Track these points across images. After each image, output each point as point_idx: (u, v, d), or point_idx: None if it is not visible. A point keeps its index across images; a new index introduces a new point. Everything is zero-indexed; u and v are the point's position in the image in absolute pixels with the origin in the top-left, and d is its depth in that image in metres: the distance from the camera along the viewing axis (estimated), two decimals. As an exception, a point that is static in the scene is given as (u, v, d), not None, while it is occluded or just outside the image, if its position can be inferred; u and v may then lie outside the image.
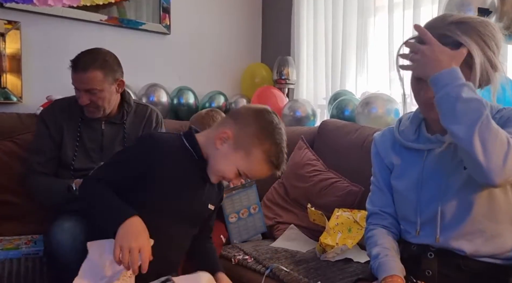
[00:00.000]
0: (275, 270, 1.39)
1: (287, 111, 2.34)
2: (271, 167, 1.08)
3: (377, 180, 1.16)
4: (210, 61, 2.70)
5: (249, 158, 1.06)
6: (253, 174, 1.10)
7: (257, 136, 1.06)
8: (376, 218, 1.14)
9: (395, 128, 1.14)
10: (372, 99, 1.93)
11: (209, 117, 1.80)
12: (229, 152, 1.07)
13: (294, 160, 1.97)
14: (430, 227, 1.02)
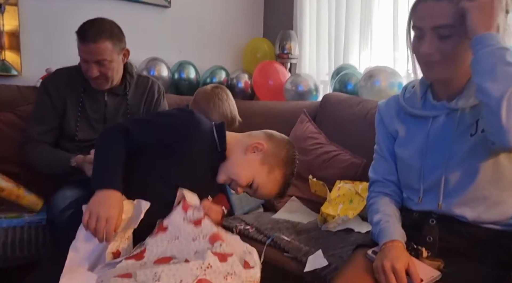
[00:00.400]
0: (276, 239, 1.40)
1: (289, 86, 2.32)
2: (279, 191, 1.17)
3: (380, 148, 1.15)
4: (211, 35, 2.66)
5: (269, 175, 1.13)
6: (262, 190, 1.14)
7: (284, 161, 1.15)
8: (378, 186, 1.13)
9: (400, 95, 1.13)
10: (375, 72, 1.90)
11: (214, 94, 1.77)
12: (255, 162, 1.13)
13: (296, 133, 1.97)
14: (433, 194, 1.02)
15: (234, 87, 2.55)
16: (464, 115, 0.98)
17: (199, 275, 0.79)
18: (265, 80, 2.45)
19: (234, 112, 1.76)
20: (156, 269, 0.79)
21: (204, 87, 1.84)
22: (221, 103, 1.74)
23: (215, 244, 0.92)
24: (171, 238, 0.95)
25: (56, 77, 1.58)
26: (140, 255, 0.90)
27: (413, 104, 1.08)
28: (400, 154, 1.09)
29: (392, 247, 0.96)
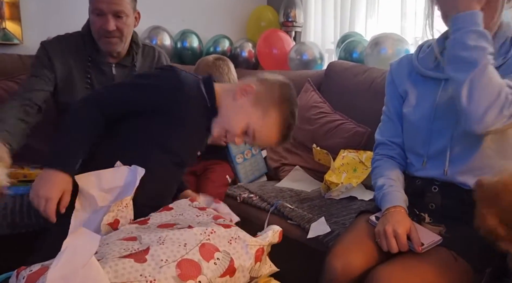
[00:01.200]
0: (279, 207, 1.41)
1: (294, 54, 2.28)
2: (279, 134, 1.07)
3: (388, 109, 1.14)
4: (214, 3, 2.60)
5: (264, 117, 1.05)
6: (260, 135, 1.06)
7: (279, 100, 1.06)
8: (383, 148, 1.13)
9: (414, 55, 1.10)
10: (381, 39, 1.86)
11: (215, 66, 1.74)
12: (247, 106, 1.05)
13: (300, 103, 1.92)
14: (437, 160, 1.01)
15: (238, 56, 2.52)
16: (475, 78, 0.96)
17: (202, 239, 0.80)
18: (269, 49, 2.41)
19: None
20: (161, 233, 0.80)
21: (207, 57, 1.81)
22: (221, 77, 1.72)
23: (218, 220, 0.92)
24: (175, 214, 0.95)
25: (60, 42, 1.46)
26: (144, 221, 0.91)
27: (426, 65, 1.05)
28: (407, 116, 1.07)
29: (395, 212, 0.97)
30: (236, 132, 1.06)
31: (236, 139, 1.06)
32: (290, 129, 1.09)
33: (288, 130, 1.09)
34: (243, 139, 1.08)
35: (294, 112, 1.08)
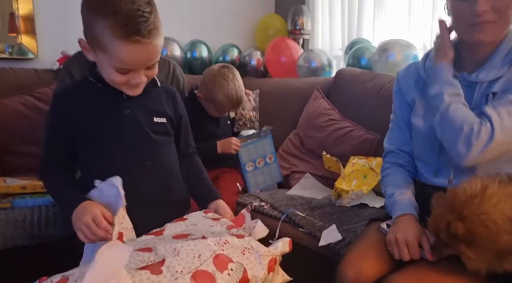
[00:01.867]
0: (290, 215, 1.42)
1: (302, 62, 2.30)
2: (127, 36, 0.86)
3: (396, 118, 1.15)
4: (223, 13, 2.64)
5: (106, 50, 0.89)
6: (125, 62, 0.90)
7: (97, 21, 0.87)
8: (392, 157, 1.14)
9: (421, 63, 1.10)
10: (389, 45, 1.87)
11: (220, 74, 1.77)
12: (98, 59, 0.94)
13: (309, 111, 1.97)
14: (447, 169, 1.02)
15: (247, 65, 2.55)
16: (482, 88, 0.97)
17: (216, 250, 0.82)
18: (278, 57, 2.43)
19: (239, 92, 1.76)
20: (176, 244, 0.82)
21: (212, 67, 1.85)
22: (226, 84, 1.74)
23: (232, 230, 0.93)
24: (189, 224, 0.96)
25: (79, 58, 1.46)
26: (159, 232, 0.93)
27: None
28: (416, 126, 1.08)
29: (405, 220, 0.97)
30: (117, 81, 0.95)
31: (136, 81, 0.95)
32: (129, 20, 0.87)
33: (129, 23, 0.87)
34: (134, 76, 0.95)
35: (117, 8, 0.87)
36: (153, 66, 0.97)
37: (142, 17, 0.87)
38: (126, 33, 0.86)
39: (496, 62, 0.95)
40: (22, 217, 1.36)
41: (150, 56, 0.92)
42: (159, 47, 0.94)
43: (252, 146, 1.78)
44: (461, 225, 0.79)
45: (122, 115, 1.01)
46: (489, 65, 0.96)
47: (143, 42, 0.87)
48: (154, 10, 0.91)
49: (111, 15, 0.86)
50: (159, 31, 0.91)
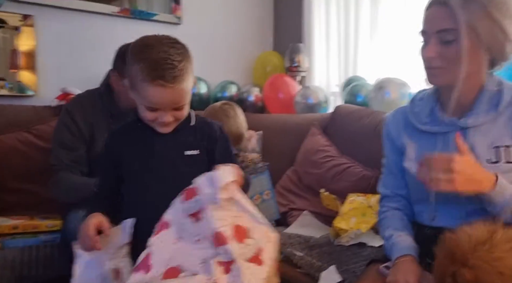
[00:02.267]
0: (288, 255, 1.39)
1: (300, 98, 2.33)
2: (152, 80, 0.96)
3: (388, 163, 1.14)
4: (221, 50, 2.70)
5: (137, 90, 1.00)
6: (152, 102, 1.00)
7: (134, 64, 1.00)
8: (389, 201, 1.12)
9: (408, 109, 1.10)
10: (385, 83, 1.90)
11: (222, 111, 1.80)
12: (135, 97, 1.04)
13: (306, 147, 1.97)
14: (445, 212, 1.00)
15: (245, 101, 2.57)
16: (475, 135, 0.97)
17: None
18: (275, 93, 2.47)
19: (240, 129, 1.80)
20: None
21: (214, 104, 1.87)
22: (228, 120, 1.77)
23: (219, 249, 0.87)
24: (175, 237, 0.91)
25: (82, 103, 1.55)
26: (146, 263, 0.89)
27: (420, 119, 1.05)
28: (409, 170, 1.06)
29: (405, 261, 0.95)
30: (147, 117, 1.03)
31: (164, 120, 1.02)
32: (157, 66, 0.97)
33: (156, 69, 0.97)
34: (162, 114, 1.02)
35: (149, 55, 0.98)
36: (181, 107, 1.04)
37: (169, 65, 0.97)
38: (152, 77, 0.96)
39: (482, 107, 0.96)
40: (12, 258, 1.33)
41: (174, 98, 1.00)
42: (185, 91, 1.02)
43: None
44: (469, 272, 0.76)
45: (154, 151, 1.08)
46: (476, 110, 0.97)
47: (166, 86, 0.97)
48: (185, 59, 1.01)
49: (145, 61, 0.98)
50: (185, 78, 1.00)
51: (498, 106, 0.95)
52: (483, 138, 0.96)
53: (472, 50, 0.91)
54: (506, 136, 0.94)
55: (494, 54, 0.94)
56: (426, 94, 1.08)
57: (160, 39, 1.02)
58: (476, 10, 0.90)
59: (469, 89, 0.97)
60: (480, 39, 0.91)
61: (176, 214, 0.92)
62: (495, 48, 0.93)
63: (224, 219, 0.89)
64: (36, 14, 2.02)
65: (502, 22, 0.90)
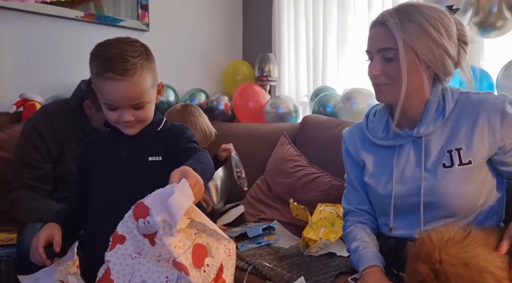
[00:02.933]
0: (258, 266, 1.37)
1: (269, 108, 2.33)
2: (103, 72, 0.97)
3: (350, 179, 1.15)
4: (190, 58, 2.67)
5: (96, 88, 1.02)
6: (107, 99, 1.00)
7: (91, 65, 1.02)
8: (352, 216, 1.13)
9: (363, 125, 1.12)
10: (353, 94, 1.93)
11: (187, 112, 1.76)
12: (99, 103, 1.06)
13: (276, 156, 1.96)
14: (407, 222, 1.02)
15: (214, 109, 2.55)
16: (430, 142, 1.00)
17: None
18: (245, 102, 2.46)
19: (210, 126, 1.79)
20: None
21: (174, 107, 1.83)
22: (197, 120, 1.75)
23: (180, 276, 0.81)
24: (132, 251, 0.84)
25: (51, 119, 1.46)
26: (107, 278, 0.83)
27: (376, 134, 1.08)
28: (369, 184, 1.08)
29: (371, 272, 0.95)
30: (111, 118, 1.03)
31: (124, 117, 1.01)
32: (102, 60, 0.99)
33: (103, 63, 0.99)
34: (122, 112, 1.01)
35: (96, 52, 1.01)
36: (141, 107, 1.02)
37: (121, 59, 0.97)
38: (103, 70, 0.97)
39: (431, 116, 1.00)
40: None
41: (128, 94, 0.99)
42: (140, 87, 1.00)
43: None
44: (424, 267, 0.79)
45: (118, 156, 1.07)
46: (426, 120, 1.01)
47: (116, 78, 0.96)
48: (141, 56, 1.00)
49: (100, 57, 1.00)
50: (138, 73, 0.99)
51: (445, 112, 1.00)
52: (437, 144, 1.00)
53: (412, 67, 0.95)
54: (456, 139, 0.98)
55: (436, 70, 0.98)
56: (379, 109, 1.11)
57: (119, 39, 1.03)
58: (413, 29, 0.94)
59: (416, 103, 1.01)
60: (418, 57, 0.95)
61: (130, 231, 0.83)
62: (435, 65, 0.96)
63: (182, 244, 0.80)
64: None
65: (439, 40, 0.94)
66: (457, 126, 0.99)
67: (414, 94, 0.99)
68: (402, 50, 0.94)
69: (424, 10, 0.96)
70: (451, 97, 1.00)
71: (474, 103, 0.98)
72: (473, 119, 0.97)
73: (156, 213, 0.78)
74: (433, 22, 0.94)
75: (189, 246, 0.82)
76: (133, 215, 0.81)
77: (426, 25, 0.94)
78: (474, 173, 0.97)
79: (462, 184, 0.96)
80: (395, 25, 0.94)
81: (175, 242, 0.79)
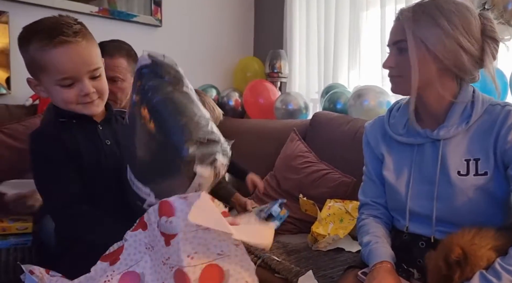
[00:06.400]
0: (266, 260, 1.38)
1: (279, 104, 2.34)
2: (52, 39, 0.91)
3: (368, 171, 1.15)
4: (202, 54, 2.69)
5: (43, 66, 0.93)
6: (62, 70, 0.92)
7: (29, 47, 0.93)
8: (368, 209, 1.13)
9: (385, 119, 1.12)
10: (364, 91, 1.93)
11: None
12: (45, 85, 0.96)
13: (286, 152, 1.97)
14: (421, 221, 1.02)
15: (225, 105, 2.57)
16: (447, 147, 0.99)
17: None
18: (256, 99, 2.47)
19: (217, 107, 1.82)
20: None
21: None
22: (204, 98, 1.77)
23: None
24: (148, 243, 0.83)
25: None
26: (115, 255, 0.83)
27: (397, 131, 1.07)
28: (387, 178, 1.08)
29: (381, 268, 0.95)
30: (70, 97, 0.96)
31: (85, 91, 0.96)
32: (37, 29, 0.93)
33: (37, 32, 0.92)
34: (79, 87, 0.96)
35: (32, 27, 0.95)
36: (97, 76, 0.98)
37: (65, 25, 0.92)
38: (51, 37, 0.90)
39: (454, 120, 0.99)
40: (-20, 262, 1.27)
41: (84, 59, 0.94)
42: (94, 52, 0.97)
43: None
44: (457, 249, 0.83)
45: (104, 146, 1.02)
46: (448, 123, 0.99)
47: (68, 40, 0.91)
48: (81, 25, 0.96)
49: (38, 33, 0.92)
50: (88, 38, 0.95)
51: (470, 119, 0.98)
52: (455, 151, 0.98)
53: (423, 60, 0.95)
54: (476, 149, 0.97)
55: (449, 65, 0.96)
56: (402, 105, 1.11)
57: (46, 17, 0.96)
58: (424, 21, 0.94)
59: (434, 100, 1.00)
60: (428, 49, 0.94)
61: (151, 223, 0.82)
62: (447, 58, 0.95)
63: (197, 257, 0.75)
64: (10, 11, 1.97)
65: (452, 32, 0.93)
66: (478, 136, 0.97)
67: (428, 88, 0.98)
68: (412, 41, 0.95)
69: (442, 4, 0.95)
70: (481, 106, 0.98)
71: (501, 117, 0.95)
72: (496, 131, 0.95)
73: (182, 217, 0.75)
74: (448, 15, 0.94)
75: (204, 262, 0.76)
76: (158, 210, 0.79)
77: (439, 17, 0.93)
78: (489, 184, 0.95)
79: (475, 193, 0.95)
80: (406, 18, 0.96)
81: (189, 252, 0.75)
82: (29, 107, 1.88)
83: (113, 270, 0.81)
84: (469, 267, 0.83)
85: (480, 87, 1.07)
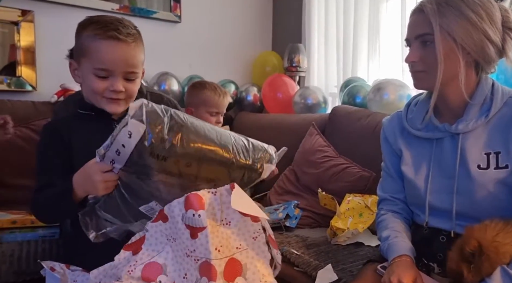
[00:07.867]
0: (286, 253, 1.40)
1: (298, 98, 2.33)
2: (105, 32, 0.96)
3: (387, 166, 1.15)
4: (220, 49, 2.71)
5: (87, 53, 0.98)
6: (103, 61, 0.97)
7: (83, 32, 1.00)
8: (387, 204, 1.13)
9: (403, 114, 1.11)
10: (384, 85, 1.91)
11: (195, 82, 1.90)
12: (82, 71, 1.00)
13: (305, 147, 1.98)
14: (441, 215, 1.01)
15: (244, 100, 2.58)
16: (467, 140, 0.98)
17: None
18: (274, 93, 2.47)
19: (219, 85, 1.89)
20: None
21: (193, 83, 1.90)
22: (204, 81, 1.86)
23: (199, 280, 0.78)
24: (169, 235, 0.84)
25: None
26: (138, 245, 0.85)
27: (415, 126, 1.06)
28: (405, 174, 1.08)
29: (400, 262, 0.96)
30: (99, 87, 1.00)
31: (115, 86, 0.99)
32: (98, 23, 0.98)
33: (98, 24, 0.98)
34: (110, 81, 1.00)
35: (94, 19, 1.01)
36: (132, 79, 1.01)
37: (123, 25, 0.99)
38: (105, 30, 0.96)
39: (473, 113, 0.98)
40: (10, 252, 1.33)
41: (127, 58, 0.98)
42: (138, 55, 1.01)
43: None
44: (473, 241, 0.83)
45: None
46: (467, 116, 0.98)
47: (119, 38, 0.96)
48: (137, 32, 1.02)
49: (97, 23, 0.98)
50: (137, 44, 1.01)
51: (489, 112, 0.97)
52: (474, 144, 0.97)
53: (449, 53, 0.94)
54: (496, 142, 0.95)
55: (475, 57, 0.95)
56: (420, 100, 1.09)
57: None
58: (450, 14, 0.93)
59: (455, 93, 0.99)
60: (456, 42, 0.93)
61: (173, 215, 0.82)
62: (474, 50, 0.94)
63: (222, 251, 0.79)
64: (36, 9, 2.02)
65: (479, 24, 0.92)
66: (498, 129, 0.96)
67: (451, 83, 0.97)
68: (439, 35, 0.93)
69: None
70: (501, 98, 0.97)
71: None
72: None
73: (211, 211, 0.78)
74: (473, 6, 0.92)
75: (226, 255, 0.80)
76: (184, 203, 0.79)
77: (465, 9, 0.92)
78: (510, 178, 0.94)
79: (495, 187, 0.94)
80: (432, 10, 0.93)
81: (217, 245, 0.78)
82: (54, 103, 1.94)
83: (136, 260, 0.84)
84: (487, 263, 0.82)
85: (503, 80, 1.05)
